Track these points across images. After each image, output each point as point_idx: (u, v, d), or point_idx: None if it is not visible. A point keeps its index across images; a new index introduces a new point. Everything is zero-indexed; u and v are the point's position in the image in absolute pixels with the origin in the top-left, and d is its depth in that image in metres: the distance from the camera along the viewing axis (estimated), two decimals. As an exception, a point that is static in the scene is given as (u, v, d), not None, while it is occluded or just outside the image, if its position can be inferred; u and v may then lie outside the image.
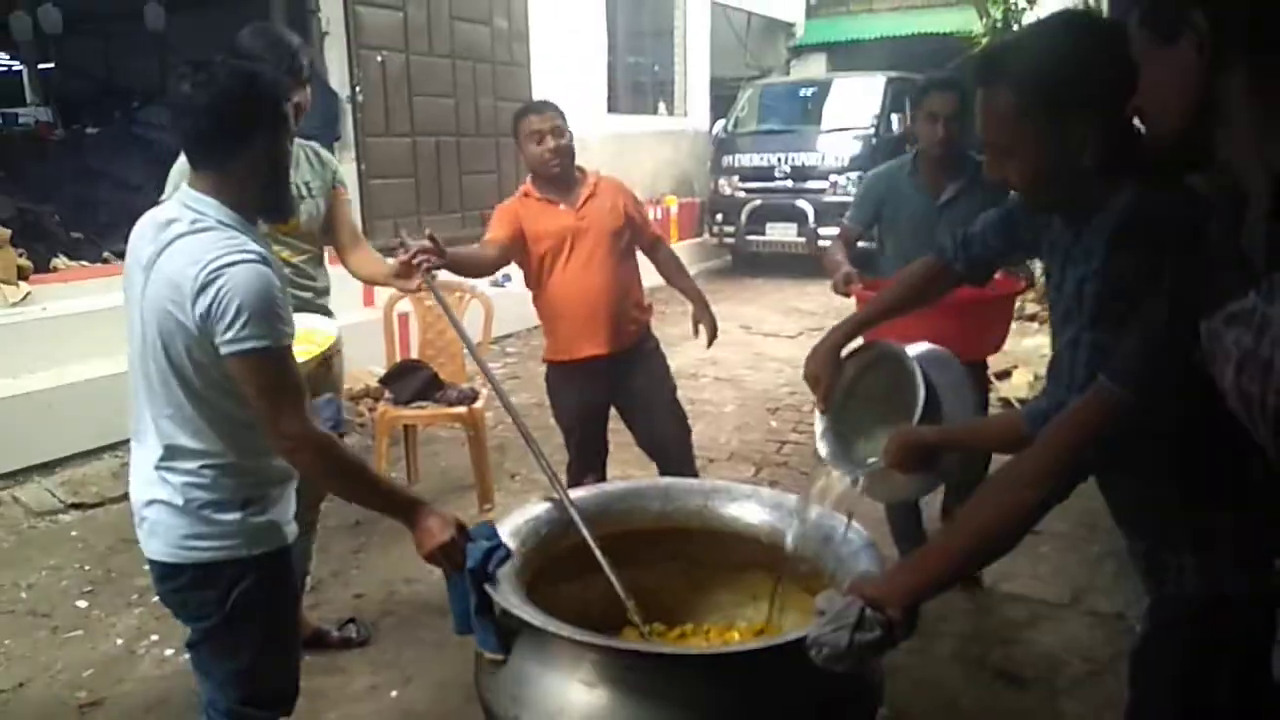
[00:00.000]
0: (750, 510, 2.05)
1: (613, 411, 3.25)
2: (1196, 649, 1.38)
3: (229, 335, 1.60)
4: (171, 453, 1.72)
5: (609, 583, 1.92)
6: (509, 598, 1.62)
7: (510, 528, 1.88)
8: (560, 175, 3.01)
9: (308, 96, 2.68)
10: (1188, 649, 1.39)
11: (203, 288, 1.60)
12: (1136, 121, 1.18)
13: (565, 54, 8.98)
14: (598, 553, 1.91)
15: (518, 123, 3.02)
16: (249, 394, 1.66)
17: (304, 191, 2.69)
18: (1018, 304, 4.55)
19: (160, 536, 1.75)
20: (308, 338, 2.65)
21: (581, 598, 1.96)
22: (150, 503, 1.75)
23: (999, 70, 1.43)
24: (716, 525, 2.08)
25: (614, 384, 3.13)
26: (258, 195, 1.74)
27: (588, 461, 3.20)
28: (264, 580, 1.78)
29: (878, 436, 1.77)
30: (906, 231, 3.10)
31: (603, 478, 3.21)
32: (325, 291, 2.81)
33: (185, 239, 1.66)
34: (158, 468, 1.73)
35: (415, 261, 2.49)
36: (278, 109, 1.72)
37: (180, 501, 1.72)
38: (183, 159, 2.00)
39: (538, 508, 2.00)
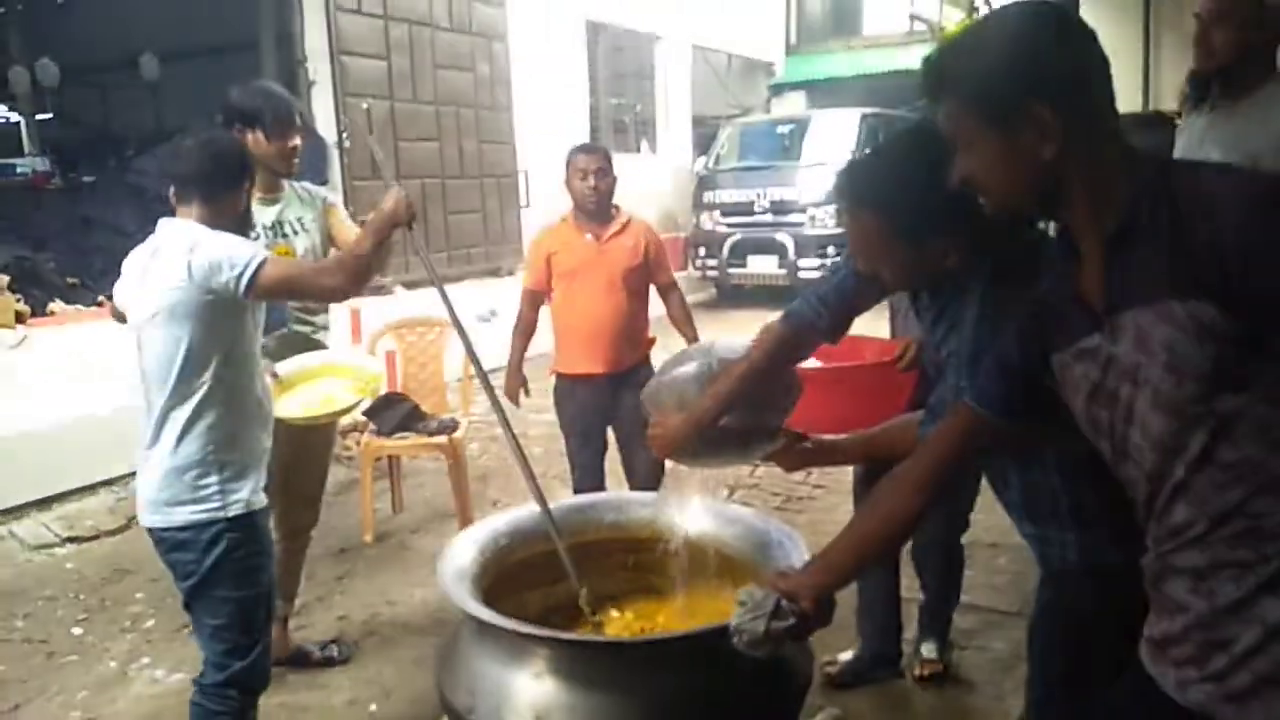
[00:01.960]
0: (695, 519, 2.22)
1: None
2: (1078, 617, 1.53)
3: (236, 271, 2.02)
4: (171, 433, 2.06)
5: (567, 591, 2.07)
6: (465, 600, 1.78)
7: (470, 538, 2.05)
8: (596, 210, 3.42)
9: (300, 139, 2.85)
10: (1070, 617, 1.55)
11: (192, 249, 2.03)
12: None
13: (548, 97, 9.25)
14: (554, 533, 2.06)
15: (569, 159, 3.45)
16: (282, 296, 2.34)
17: (297, 227, 2.84)
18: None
19: (152, 508, 2.11)
20: (358, 375, 2.86)
21: (541, 605, 2.11)
22: (151, 483, 2.10)
23: (861, 196, 1.55)
24: (666, 534, 2.24)
25: (610, 402, 3.46)
26: (230, 226, 2.16)
27: (586, 464, 3.51)
28: (240, 541, 2.10)
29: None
30: None
31: (601, 487, 3.52)
32: (325, 327, 2.99)
33: (171, 237, 2.11)
34: (158, 449, 2.07)
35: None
36: (250, 169, 2.28)
37: (169, 470, 2.07)
38: None
39: (497, 520, 2.16)
